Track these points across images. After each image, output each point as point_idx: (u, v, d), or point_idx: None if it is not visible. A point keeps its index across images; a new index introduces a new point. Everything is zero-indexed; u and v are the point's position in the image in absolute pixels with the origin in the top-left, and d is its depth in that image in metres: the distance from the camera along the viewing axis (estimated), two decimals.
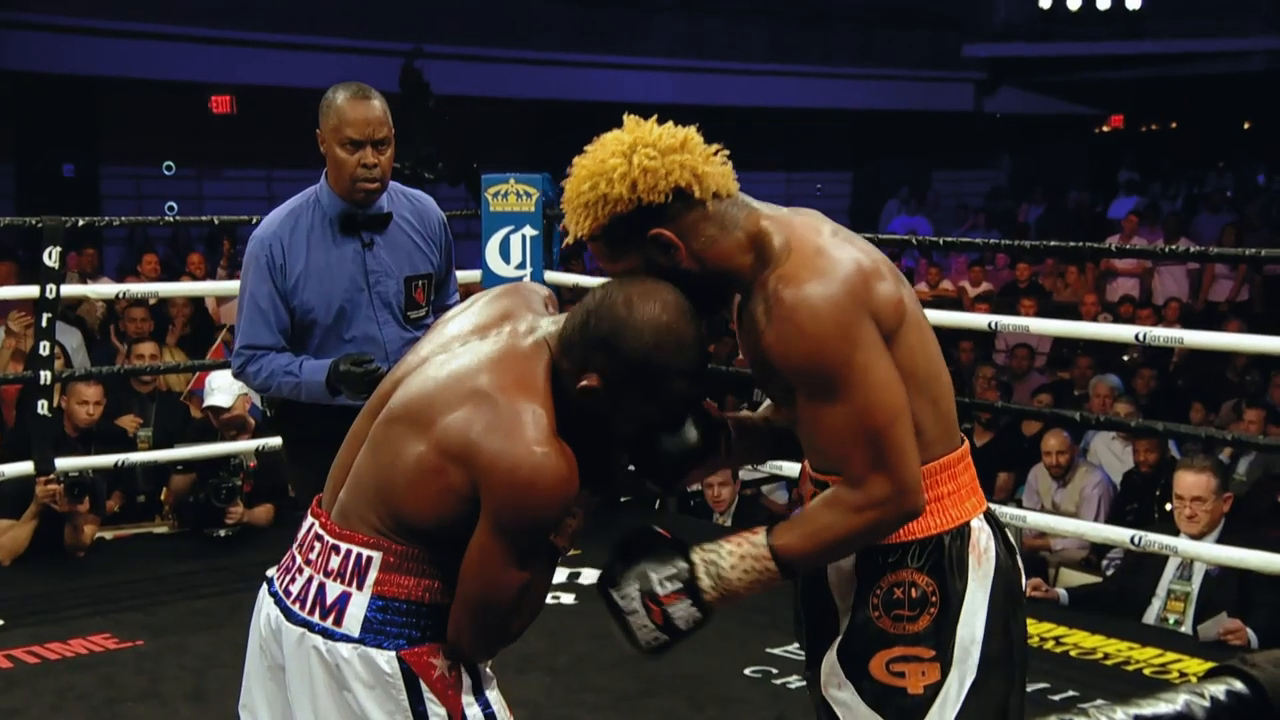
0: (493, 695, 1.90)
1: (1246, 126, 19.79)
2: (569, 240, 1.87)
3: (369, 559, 1.84)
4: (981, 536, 1.86)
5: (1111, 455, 6.33)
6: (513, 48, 14.90)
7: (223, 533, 4.94)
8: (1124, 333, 4.33)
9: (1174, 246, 8.67)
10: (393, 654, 1.83)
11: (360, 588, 1.83)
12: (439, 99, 12.80)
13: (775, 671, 3.89)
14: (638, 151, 1.82)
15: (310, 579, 1.87)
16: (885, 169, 17.77)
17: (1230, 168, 17.89)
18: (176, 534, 5.22)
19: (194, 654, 3.96)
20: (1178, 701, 0.80)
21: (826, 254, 1.79)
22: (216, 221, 5.83)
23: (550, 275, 5.35)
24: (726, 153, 1.89)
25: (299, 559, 1.91)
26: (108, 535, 5.14)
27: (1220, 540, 4.19)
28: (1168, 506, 4.67)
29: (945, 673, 1.83)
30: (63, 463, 4.60)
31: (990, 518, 1.91)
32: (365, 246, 3.07)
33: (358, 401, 2.58)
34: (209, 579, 4.58)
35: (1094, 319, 8.45)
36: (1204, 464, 4.37)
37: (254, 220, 5.58)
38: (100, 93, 13.79)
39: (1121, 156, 18.36)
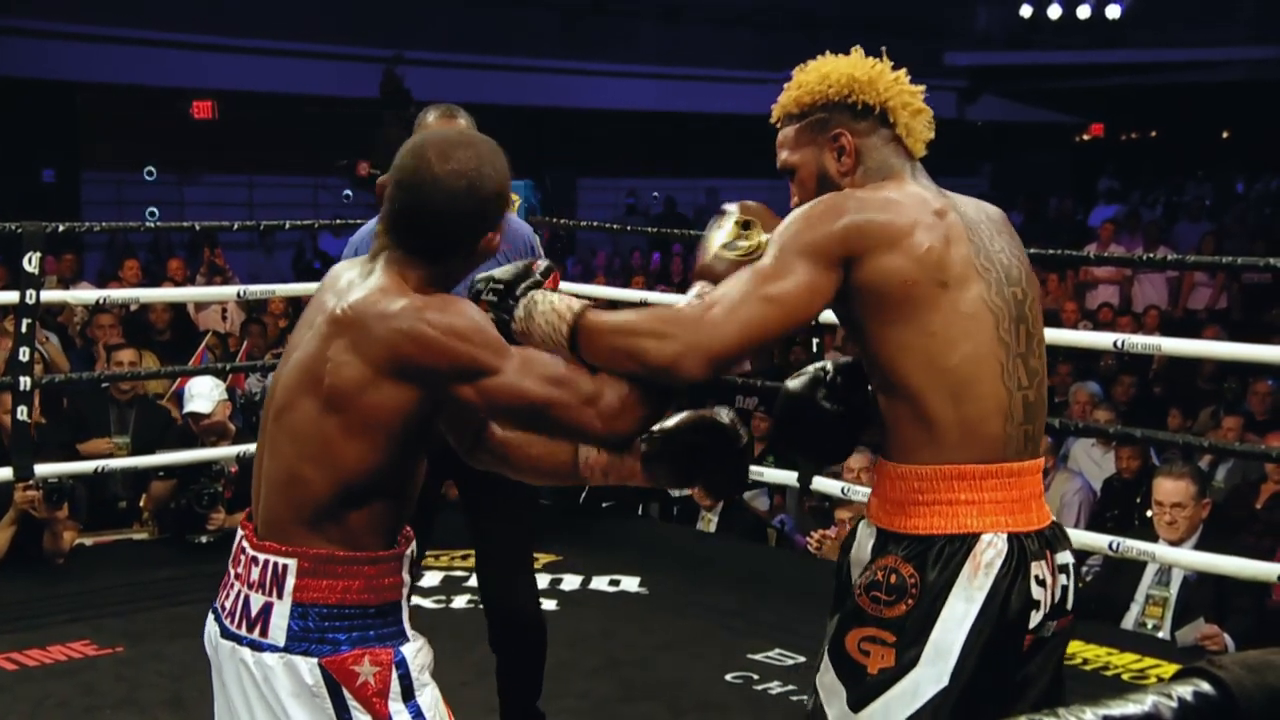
0: (425, 700, 1.88)
1: (1226, 135, 19.91)
2: (776, 117, 2.01)
3: (285, 567, 1.83)
4: (989, 552, 1.84)
5: (1091, 462, 6.35)
6: (495, 54, 14.90)
7: (204, 539, 4.93)
8: (1103, 340, 4.34)
9: (1153, 254, 8.72)
10: (315, 662, 1.82)
11: (280, 596, 1.83)
12: (420, 105, 12.79)
13: (756, 678, 3.89)
14: (880, 67, 1.96)
15: (239, 593, 1.88)
16: None
17: (1209, 176, 17.98)
18: (157, 540, 5.20)
19: (173, 661, 3.95)
20: (1145, 702, 0.81)
21: (858, 196, 1.88)
22: (198, 227, 5.82)
23: None
24: (930, 127, 1.97)
25: (231, 573, 1.92)
26: (87, 541, 5.12)
27: (1198, 546, 4.22)
28: (1149, 513, 4.69)
29: (906, 665, 1.83)
30: (42, 469, 4.58)
31: (1023, 544, 1.86)
32: None
33: None
34: (189, 585, 4.57)
35: (1074, 326, 8.49)
36: (1183, 470, 4.39)
37: (235, 226, 5.63)
38: (81, 97, 13.75)
39: (1102, 165, 18.44)
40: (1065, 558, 1.92)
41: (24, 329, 4.50)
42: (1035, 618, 1.86)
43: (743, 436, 1.97)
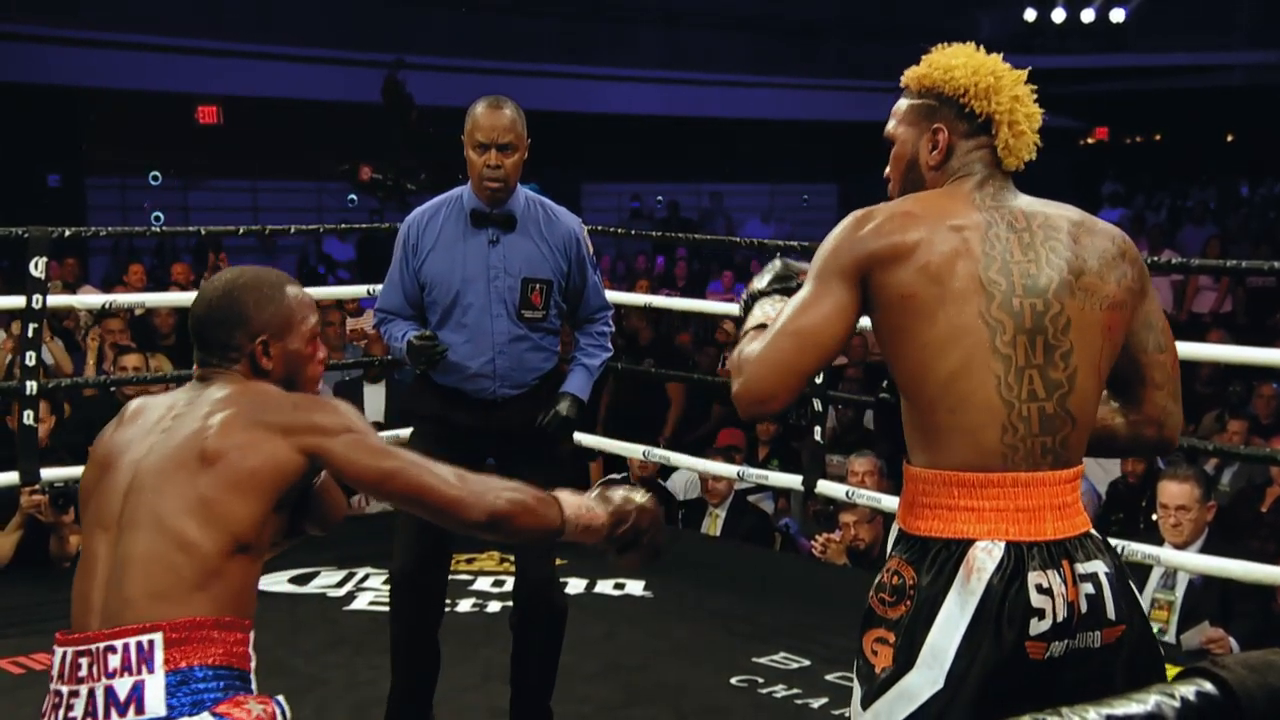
0: None
1: (1229, 139, 19.92)
2: (902, 85, 2.07)
3: (151, 642, 1.84)
4: (981, 558, 1.86)
5: (1096, 465, 6.35)
6: (495, 59, 14.92)
7: None
8: None
9: (1158, 258, 8.71)
10: (206, 714, 1.83)
11: (151, 670, 1.84)
12: (421, 110, 12.82)
13: (761, 681, 3.89)
14: (1011, 77, 2.01)
15: (91, 692, 1.86)
16: (870, 181, 17.78)
17: (1214, 180, 18.00)
18: None
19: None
20: (1149, 702, 0.82)
21: (875, 214, 1.95)
22: (203, 232, 5.83)
23: None
24: (1036, 140, 2.01)
25: (65, 690, 1.89)
26: None
27: (1204, 550, 4.22)
28: (1154, 517, 4.70)
29: (903, 667, 1.87)
30: (48, 473, 4.59)
31: (1022, 552, 1.87)
32: (491, 243, 3.34)
33: (450, 380, 3.30)
34: None
35: None
36: (1187, 473, 4.40)
37: (240, 231, 5.64)
38: (86, 103, 13.78)
39: (1105, 169, 18.45)
40: (1092, 567, 1.92)
41: (30, 333, 4.51)
42: (1039, 625, 1.87)
43: None
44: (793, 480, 4.94)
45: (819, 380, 4.70)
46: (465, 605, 4.53)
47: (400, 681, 3.42)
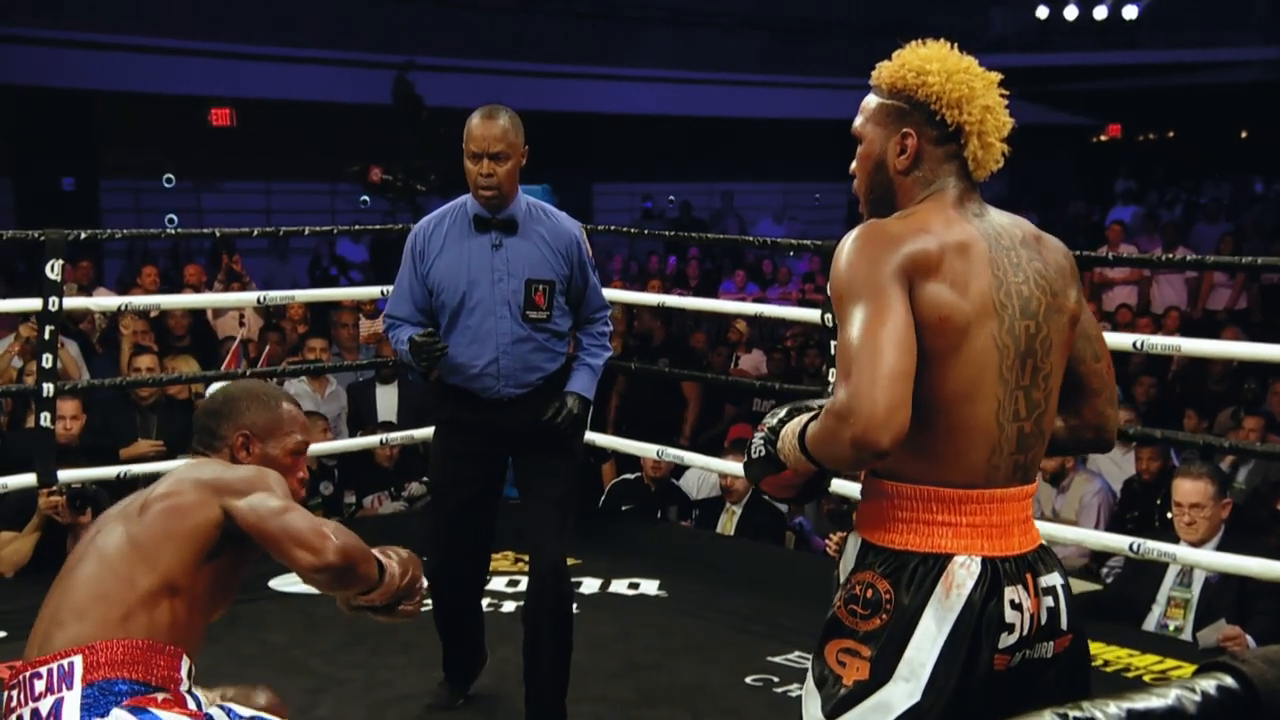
0: (217, 714, 2.11)
1: (1243, 136, 19.84)
2: (873, 82, 2.01)
3: (71, 664, 2.00)
4: (960, 574, 1.88)
5: (1111, 463, 6.33)
6: (505, 60, 14.94)
7: None
8: (1122, 341, 4.33)
9: (1171, 255, 8.69)
10: (116, 709, 1.98)
11: (70, 688, 1.99)
12: (431, 111, 12.82)
13: (776, 680, 3.89)
14: (983, 84, 1.96)
15: (19, 718, 2.01)
16: None
17: (1227, 177, 17.92)
18: None
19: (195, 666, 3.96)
20: (1169, 696, 0.82)
21: (894, 225, 1.89)
22: (218, 234, 5.85)
23: None
24: (1004, 150, 1.99)
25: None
26: None
27: (1220, 547, 4.21)
28: (1169, 515, 4.68)
29: (880, 679, 1.88)
30: (65, 474, 4.61)
31: (997, 568, 1.89)
32: (495, 247, 3.43)
33: (457, 380, 3.41)
34: None
35: None
36: (1201, 470, 4.38)
37: (254, 233, 5.66)
38: (99, 106, 13.82)
39: (1118, 166, 18.39)
40: (1051, 580, 1.94)
41: (46, 336, 4.53)
42: (1007, 639, 1.89)
43: None
44: None
45: (831, 379, 4.70)
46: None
47: (445, 668, 3.71)
